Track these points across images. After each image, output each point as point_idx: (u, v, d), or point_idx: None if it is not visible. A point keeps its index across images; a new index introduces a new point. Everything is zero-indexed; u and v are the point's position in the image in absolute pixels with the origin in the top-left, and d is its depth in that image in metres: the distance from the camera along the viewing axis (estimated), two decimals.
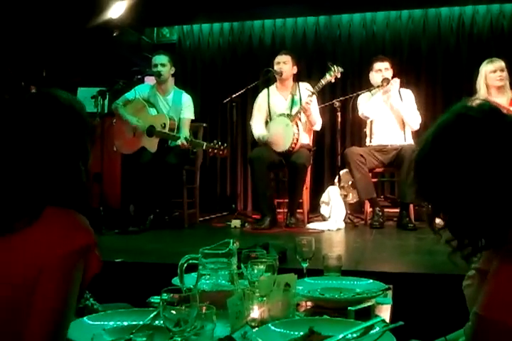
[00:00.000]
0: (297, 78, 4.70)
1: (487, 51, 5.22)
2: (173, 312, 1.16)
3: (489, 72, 4.19)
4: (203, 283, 1.56)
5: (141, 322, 1.33)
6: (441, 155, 1.05)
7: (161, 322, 1.24)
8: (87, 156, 1.21)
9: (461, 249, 1.07)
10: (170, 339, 1.18)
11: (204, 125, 4.88)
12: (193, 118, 4.60)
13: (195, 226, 4.52)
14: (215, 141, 4.10)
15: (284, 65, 4.54)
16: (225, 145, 4.09)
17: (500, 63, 4.19)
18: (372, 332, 1.22)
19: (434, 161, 1.07)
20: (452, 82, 5.45)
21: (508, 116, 1.05)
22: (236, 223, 4.36)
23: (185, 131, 4.44)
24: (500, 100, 3.96)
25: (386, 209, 4.54)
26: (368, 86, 4.67)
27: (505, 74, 4.17)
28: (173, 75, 4.68)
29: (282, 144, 4.34)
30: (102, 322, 1.36)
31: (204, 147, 4.12)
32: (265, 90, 4.71)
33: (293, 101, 4.54)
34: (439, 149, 1.06)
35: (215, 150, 4.08)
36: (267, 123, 4.60)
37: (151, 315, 1.35)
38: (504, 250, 1.01)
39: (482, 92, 4.18)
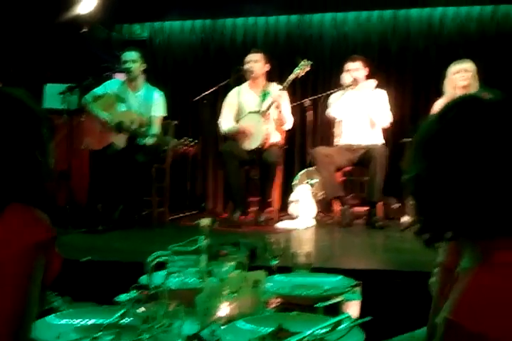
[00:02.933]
0: (269, 77, 4.71)
1: (455, 53, 5.31)
2: (141, 309, 1.15)
3: (453, 74, 4.28)
4: (171, 280, 1.55)
5: (108, 321, 1.31)
6: (447, 135, 1.01)
7: (129, 320, 1.23)
8: (44, 148, 1.20)
9: (429, 231, 1.05)
10: (138, 336, 1.17)
11: (175, 122, 4.85)
12: (165, 115, 4.56)
13: (164, 225, 4.48)
14: (185, 138, 4.08)
15: (255, 63, 4.54)
16: (195, 141, 4.07)
17: (464, 64, 4.26)
18: (340, 327, 1.23)
19: (439, 140, 1.02)
20: (421, 82, 5.53)
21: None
22: (206, 222, 4.31)
23: (156, 128, 4.41)
24: None
25: (355, 208, 4.59)
26: (338, 85, 4.71)
27: (469, 74, 4.23)
28: (144, 72, 4.64)
29: (253, 141, 4.34)
30: (69, 321, 1.33)
31: (173, 144, 4.09)
32: (236, 88, 4.70)
33: (264, 100, 4.54)
34: (445, 129, 1.01)
35: (185, 147, 4.05)
36: (237, 121, 4.59)
37: (119, 313, 1.33)
38: (478, 249, 0.99)
39: (449, 93, 4.26)
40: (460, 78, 4.23)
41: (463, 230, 1.00)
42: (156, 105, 4.50)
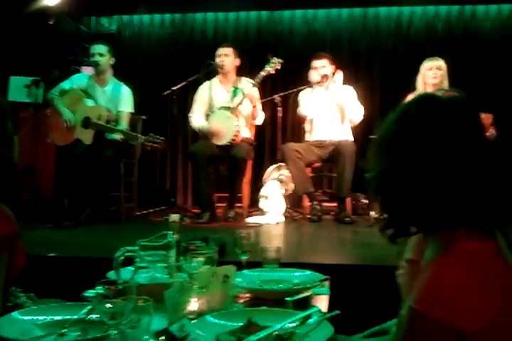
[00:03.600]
0: (239, 72, 4.69)
1: (423, 51, 5.39)
2: (109, 305, 1.13)
3: (426, 70, 4.34)
4: (140, 276, 1.53)
5: (75, 317, 1.29)
6: (405, 134, 1.04)
7: (96, 316, 1.21)
8: (8, 141, 1.16)
9: (393, 226, 1.07)
10: (105, 332, 1.15)
11: (143, 117, 4.79)
12: (132, 111, 4.51)
13: (132, 221, 4.43)
14: (152, 134, 4.04)
15: (226, 57, 4.52)
16: (163, 138, 4.04)
17: (438, 62, 4.33)
18: (309, 321, 1.24)
19: (398, 139, 1.05)
20: (390, 80, 5.60)
21: (471, 108, 1.06)
22: (175, 217, 4.31)
23: (124, 124, 4.35)
24: None
25: (324, 204, 4.63)
26: (308, 82, 4.73)
27: (441, 72, 4.31)
28: (112, 66, 4.57)
29: (223, 137, 4.32)
30: (33, 317, 1.30)
31: (140, 140, 4.04)
32: (207, 83, 4.68)
33: (235, 95, 4.52)
34: (403, 128, 1.05)
35: (153, 144, 4.02)
36: (207, 116, 4.57)
37: (86, 309, 1.31)
38: (440, 241, 1.01)
39: (420, 89, 4.32)
40: (432, 75, 4.30)
41: (425, 223, 1.03)
42: (124, 101, 4.44)
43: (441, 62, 4.34)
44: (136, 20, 6.03)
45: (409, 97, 4.24)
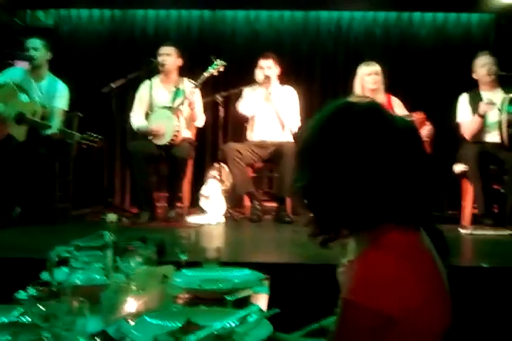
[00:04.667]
0: (181, 72, 4.65)
1: (361, 56, 5.53)
2: (42, 307, 1.09)
3: (365, 75, 4.45)
4: (75, 277, 1.49)
5: (5, 319, 1.23)
6: (326, 142, 1.08)
7: (29, 318, 1.16)
8: None
9: (324, 234, 1.11)
10: (38, 336, 1.10)
11: (79, 115, 4.66)
12: (67, 109, 4.38)
13: (67, 221, 4.30)
14: (89, 133, 3.94)
15: (168, 56, 4.48)
16: (100, 137, 3.94)
17: (376, 67, 4.46)
18: (249, 320, 1.24)
19: (318, 150, 1.09)
20: (330, 82, 5.70)
21: (386, 114, 1.10)
22: (112, 217, 4.22)
23: (58, 121, 4.22)
24: None
25: (265, 204, 4.66)
26: (250, 82, 4.75)
27: (379, 78, 4.44)
28: (48, 61, 4.42)
29: (163, 137, 4.27)
30: None
31: (77, 138, 3.93)
32: (148, 81, 4.61)
33: (176, 95, 4.48)
34: (321, 139, 1.09)
35: (89, 143, 3.92)
36: (147, 115, 4.50)
37: (17, 312, 1.25)
38: (369, 236, 1.06)
39: (358, 93, 4.42)
40: (371, 81, 4.41)
41: (356, 225, 1.09)
42: (59, 97, 4.32)
43: (378, 67, 4.46)
44: (74, 15, 5.85)
45: None
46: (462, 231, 3.82)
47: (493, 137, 4.18)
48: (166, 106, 4.40)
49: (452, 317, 1.06)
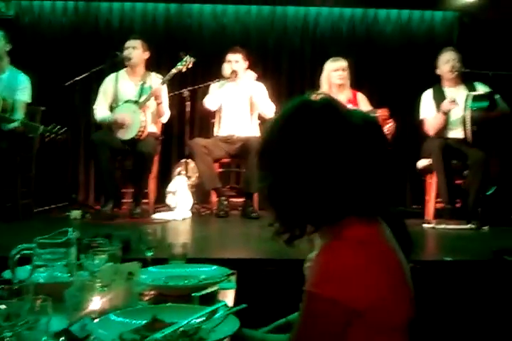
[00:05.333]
0: (148, 66, 4.59)
1: (328, 51, 5.57)
2: (3, 306, 1.06)
3: (331, 71, 4.48)
4: (38, 275, 1.46)
5: None
6: (284, 142, 1.09)
7: None
8: None
9: (289, 231, 1.11)
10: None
11: (42, 108, 4.55)
12: (29, 101, 4.28)
13: (30, 218, 4.20)
14: (53, 125, 3.86)
15: (134, 50, 4.41)
16: (64, 129, 3.86)
17: (342, 63, 4.48)
18: (216, 316, 1.23)
19: (277, 146, 1.10)
20: (297, 77, 5.72)
21: (342, 110, 1.11)
22: (76, 214, 4.15)
23: (20, 114, 4.11)
24: (340, 97, 4.25)
25: (231, 199, 4.65)
26: (217, 76, 4.72)
27: (345, 74, 4.47)
28: (9, 53, 4.30)
29: (128, 131, 4.21)
30: None
31: (40, 130, 3.85)
32: (113, 74, 4.53)
33: (142, 89, 4.42)
34: (281, 138, 1.10)
35: (53, 135, 3.83)
36: (112, 108, 4.43)
37: None
38: (332, 230, 1.08)
39: (324, 89, 4.45)
40: (337, 76, 4.44)
41: (321, 220, 1.10)
42: (21, 90, 4.21)
43: (345, 63, 4.49)
44: (36, 6, 5.70)
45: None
46: (426, 225, 3.89)
47: (456, 133, 4.26)
48: (131, 100, 4.33)
49: (416, 310, 1.08)
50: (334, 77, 4.45)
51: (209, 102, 4.61)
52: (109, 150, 4.15)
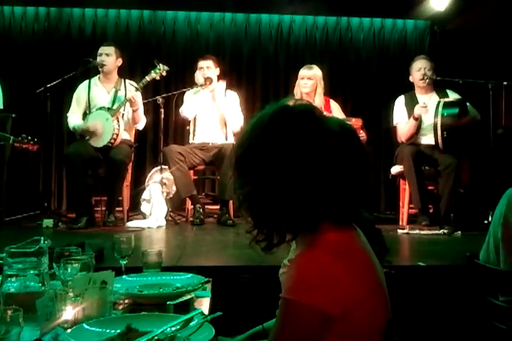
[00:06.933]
0: (121, 72, 4.56)
1: (302, 59, 5.62)
2: None
3: (299, 79, 4.52)
4: (9, 284, 1.43)
5: None
6: (263, 147, 1.08)
7: None
8: None
9: (267, 240, 1.11)
10: None
11: (13, 115, 4.47)
12: (1, 108, 4.20)
13: (1, 227, 4.12)
14: (24, 135, 3.79)
15: (107, 56, 4.37)
16: (35, 140, 3.80)
17: (308, 72, 4.49)
18: (191, 324, 1.22)
19: (254, 152, 1.09)
20: (271, 84, 5.75)
21: (320, 117, 1.12)
22: (48, 222, 4.07)
23: None
24: None
25: (207, 206, 4.63)
26: (191, 83, 4.72)
27: (312, 82, 4.47)
28: None
29: (101, 139, 4.16)
30: None
31: (10, 141, 3.78)
32: (86, 81, 4.48)
33: (116, 97, 4.38)
34: (260, 144, 1.09)
35: (24, 145, 3.77)
36: (85, 115, 4.38)
37: None
38: (308, 237, 1.08)
39: (297, 96, 4.48)
40: (303, 85, 4.48)
41: (293, 228, 1.10)
42: None
43: (312, 72, 4.49)
44: (7, 12, 5.63)
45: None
46: (399, 231, 3.93)
47: (428, 140, 4.32)
48: (104, 107, 4.29)
49: (391, 315, 1.09)
50: (301, 85, 4.50)
51: (186, 111, 4.59)
52: (83, 164, 4.09)
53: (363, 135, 4.23)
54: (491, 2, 4.73)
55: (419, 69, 4.40)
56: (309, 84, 4.46)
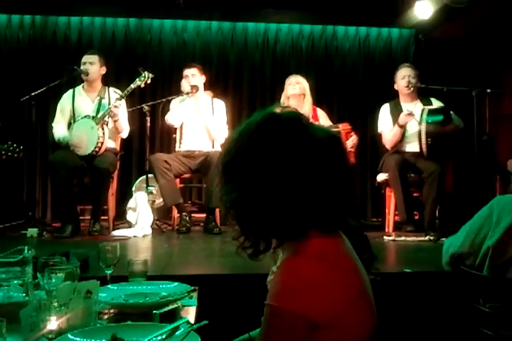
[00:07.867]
0: (106, 81, 4.54)
1: (288, 67, 5.65)
2: None
3: (287, 84, 4.54)
4: None
5: None
6: (251, 154, 1.08)
7: None
8: None
9: (254, 246, 1.11)
10: None
11: None
12: None
13: None
14: (9, 143, 3.76)
15: (91, 65, 4.35)
16: (21, 147, 3.77)
17: (296, 77, 4.54)
18: (177, 333, 1.21)
19: (241, 159, 1.09)
20: (258, 92, 5.76)
21: (307, 124, 1.12)
22: (33, 232, 4.03)
23: None
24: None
25: (193, 215, 4.61)
26: (178, 92, 4.71)
27: (299, 85, 4.51)
28: None
29: (85, 147, 4.13)
30: None
31: None
32: (70, 90, 4.46)
33: (100, 105, 4.36)
34: (247, 151, 1.09)
35: (9, 153, 3.73)
36: (70, 125, 4.35)
37: None
38: (294, 244, 1.08)
39: (284, 102, 4.50)
40: (292, 88, 4.51)
41: (280, 235, 1.10)
42: None
43: (299, 78, 4.54)
44: None
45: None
46: (385, 237, 3.94)
47: (413, 147, 4.36)
48: (89, 115, 4.27)
49: (377, 321, 1.09)
50: (289, 89, 4.53)
51: (172, 118, 4.58)
52: (68, 172, 4.05)
53: (354, 136, 4.27)
54: (475, 11, 4.79)
55: (404, 77, 4.44)
56: (297, 87, 4.49)
